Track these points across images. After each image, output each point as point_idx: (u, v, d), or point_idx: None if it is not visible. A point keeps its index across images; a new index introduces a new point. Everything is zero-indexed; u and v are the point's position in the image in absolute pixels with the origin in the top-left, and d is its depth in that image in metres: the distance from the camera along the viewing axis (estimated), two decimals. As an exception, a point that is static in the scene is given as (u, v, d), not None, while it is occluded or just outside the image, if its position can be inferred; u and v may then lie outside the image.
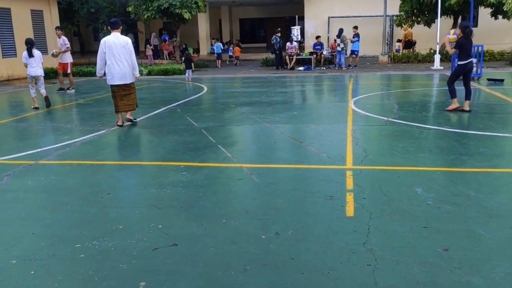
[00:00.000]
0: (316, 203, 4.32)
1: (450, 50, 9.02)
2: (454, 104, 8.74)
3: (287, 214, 4.08)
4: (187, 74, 17.20)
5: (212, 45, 28.55)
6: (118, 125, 8.26)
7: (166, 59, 25.88)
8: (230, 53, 24.70)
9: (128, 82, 8.22)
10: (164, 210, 4.28)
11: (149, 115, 9.44)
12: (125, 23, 22.02)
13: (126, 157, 6.38)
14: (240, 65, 23.47)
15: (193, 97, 12.16)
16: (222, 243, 3.56)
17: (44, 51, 18.43)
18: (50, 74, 17.73)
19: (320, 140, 6.79)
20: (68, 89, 14.00)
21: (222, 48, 24.29)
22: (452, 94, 8.78)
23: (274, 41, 19.74)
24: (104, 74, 8.23)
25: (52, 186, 5.10)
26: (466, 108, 8.63)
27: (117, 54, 7.96)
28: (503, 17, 18.62)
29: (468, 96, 8.72)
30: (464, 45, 8.48)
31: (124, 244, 3.58)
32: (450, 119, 8.08)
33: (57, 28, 14.37)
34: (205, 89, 13.88)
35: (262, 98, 11.30)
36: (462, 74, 8.77)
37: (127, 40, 8.09)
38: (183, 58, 20.48)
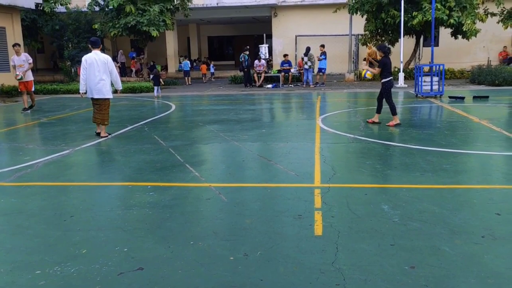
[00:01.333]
0: (284, 223, 4.31)
1: (375, 70, 9.67)
2: (395, 121, 9.39)
3: (255, 234, 4.05)
4: (155, 90, 17.15)
5: (180, 62, 28.51)
6: (96, 133, 8.99)
7: (133, 76, 25.64)
8: (212, 70, 24.69)
9: (105, 97, 8.80)
10: (130, 233, 4.18)
11: (115, 134, 9.27)
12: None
13: (91, 178, 6.22)
14: (208, 81, 23.48)
15: (160, 115, 12.05)
16: (190, 265, 3.49)
17: (6, 68, 17.96)
18: (12, 92, 17.27)
19: (289, 158, 6.82)
20: (30, 107, 13.59)
21: (190, 65, 24.27)
22: (393, 110, 9.45)
23: (243, 59, 19.88)
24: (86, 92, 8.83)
25: (12, 209, 4.91)
26: (376, 120, 9.57)
27: (97, 71, 8.57)
28: (463, 37, 19.35)
29: (379, 110, 9.72)
30: (387, 64, 9.36)
31: (87, 269, 3.46)
32: (414, 136, 8.27)
33: (15, 45, 13.44)
34: (173, 107, 13.79)
35: (230, 116, 11.31)
36: (384, 90, 9.53)
37: (107, 58, 8.72)
38: (151, 76, 20.35)
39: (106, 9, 20.88)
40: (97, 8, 21.55)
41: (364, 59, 24.66)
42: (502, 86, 16.72)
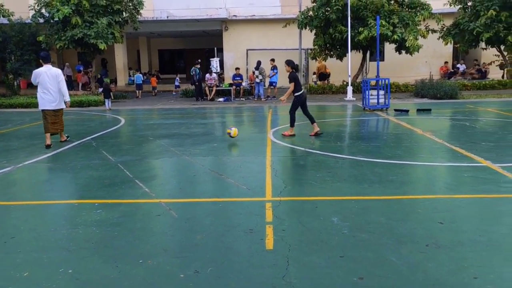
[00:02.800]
0: (236, 237, 4.29)
1: (289, 90, 9.83)
2: (291, 132, 9.89)
3: (206, 250, 4.00)
4: (106, 103, 16.87)
5: (130, 76, 28.03)
6: (46, 145, 9.13)
7: (80, 90, 24.94)
8: (177, 83, 24.18)
9: (58, 108, 9.40)
10: (76, 253, 4.02)
11: (61, 150, 8.96)
12: (35, 53, 20.98)
13: (34, 196, 5.96)
14: (158, 95, 23.21)
15: (109, 129, 11.76)
16: (138, 285, 3.40)
17: None
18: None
19: (240, 172, 6.82)
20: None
21: (142, 79, 23.94)
22: (292, 122, 9.91)
23: (194, 72, 19.82)
24: None
25: None
26: (316, 129, 9.90)
27: (49, 84, 9.14)
28: (406, 52, 20.18)
29: (312, 120, 10.01)
30: (297, 78, 9.75)
31: (28, 293, 3.29)
32: (362, 149, 8.49)
33: None
34: (123, 121, 13.50)
35: (181, 130, 11.20)
36: (300, 104, 9.88)
37: (58, 72, 9.31)
38: (100, 89, 19.94)
39: (52, 21, 20.26)
40: (41, 20, 20.86)
41: (314, 73, 25.28)
42: (443, 99, 17.53)
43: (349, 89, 18.96)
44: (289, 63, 9.95)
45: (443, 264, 3.61)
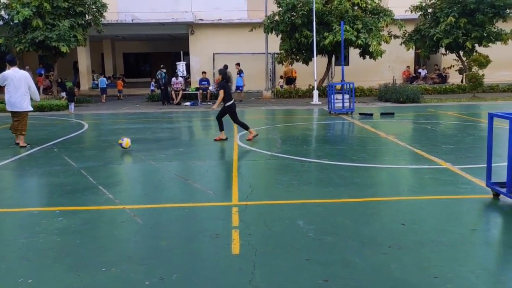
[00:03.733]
0: (202, 243, 4.26)
1: (220, 98, 9.75)
2: (222, 136, 9.91)
3: (172, 256, 3.96)
4: (70, 107, 16.57)
5: (94, 79, 27.49)
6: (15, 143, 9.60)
7: (42, 94, 24.26)
8: (152, 87, 23.45)
9: (22, 110, 9.48)
10: (36, 262, 3.89)
11: (20, 156, 8.68)
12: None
13: (-8, 204, 5.74)
14: (124, 99, 22.87)
15: (72, 134, 11.48)
16: (101, 294, 3.32)
17: None
18: None
19: (206, 176, 6.78)
20: None
21: (107, 82, 23.53)
22: (220, 127, 9.93)
23: (159, 76, 19.63)
24: None
25: None
26: (253, 133, 9.87)
27: (18, 87, 9.31)
28: (370, 57, 20.61)
29: (244, 126, 10.01)
30: (226, 87, 9.75)
31: (-15, 306, 3.17)
32: (328, 152, 8.60)
33: None
34: (86, 126, 13.22)
35: (147, 135, 11.06)
36: (229, 113, 9.86)
37: (26, 74, 9.55)
38: (63, 93, 19.52)
39: (11, 23, 19.67)
40: (0, 22, 20.22)
41: (281, 77, 25.45)
42: (406, 103, 17.96)
43: (315, 93, 19.19)
44: (220, 72, 10.05)
45: (405, 265, 3.69)
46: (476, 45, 21.40)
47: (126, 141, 9.00)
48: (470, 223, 4.65)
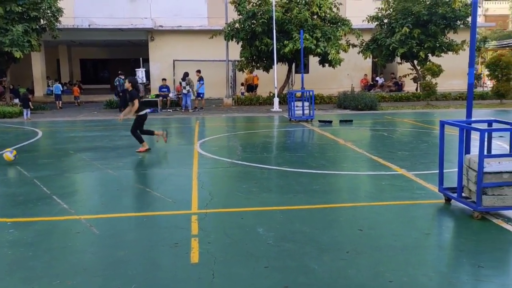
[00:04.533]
0: (160, 252, 4.20)
1: (132, 109, 9.31)
2: (144, 147, 9.39)
3: (130, 267, 3.88)
4: (25, 113, 16.09)
5: (49, 86, 26.67)
6: None
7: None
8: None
9: None
10: (-16, 277, 3.73)
11: (-30, 165, 8.31)
12: None
13: None
14: (81, 106, 22.32)
15: (25, 142, 11.08)
16: (54, 308, 3.21)
17: None
18: None
19: (165, 185, 6.70)
20: None
21: (62, 89, 22.88)
22: (140, 139, 9.44)
23: (118, 82, 19.29)
24: None
25: None
26: (146, 147, 9.39)
27: None
28: (329, 65, 20.97)
29: (148, 132, 9.78)
30: (138, 97, 9.34)
31: None
32: (288, 159, 8.68)
33: None
34: (40, 133, 12.79)
35: (104, 143, 10.82)
36: (136, 121, 9.47)
37: None
38: (16, 99, 18.89)
39: (-39, 27, 18.83)
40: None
41: (242, 84, 25.46)
42: (364, 110, 18.39)
43: (276, 100, 19.34)
44: (130, 80, 9.60)
45: (362, 270, 3.76)
46: (430, 54, 22.17)
47: (6, 155, 8.22)
48: (423, 228, 4.79)
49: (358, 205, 5.64)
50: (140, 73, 20.77)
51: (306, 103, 15.08)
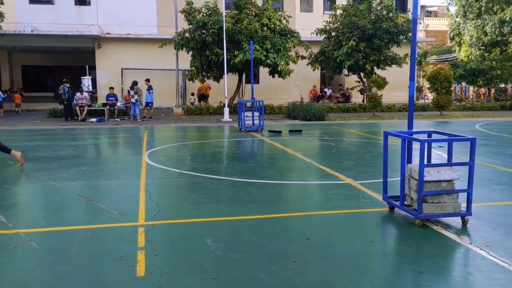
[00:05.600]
0: (105, 266, 4.07)
1: None
2: (18, 157, 8.52)
3: (72, 283, 3.73)
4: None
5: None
6: None
7: None
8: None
9: None
10: None
11: None
12: None
13: None
14: (23, 114, 21.39)
15: (-40, 153, 10.46)
16: (-12, 329, 3.03)
17: None
18: None
19: (112, 196, 6.52)
20: None
21: (2, 96, 21.85)
22: (6, 150, 8.56)
23: (62, 91, 18.65)
24: None
25: None
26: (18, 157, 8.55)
27: None
28: (279, 76, 21.28)
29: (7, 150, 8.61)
30: None
31: None
32: (237, 169, 8.68)
33: None
34: (-22, 143, 12.12)
35: (47, 153, 10.40)
36: None
37: None
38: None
39: None
40: None
41: (192, 94, 25.27)
42: (313, 121, 18.75)
43: (226, 110, 19.36)
44: None
45: (309, 279, 3.80)
46: (375, 67, 23.00)
47: None
48: (368, 235, 4.92)
49: (306, 214, 5.71)
50: (86, 81, 20.25)
51: (256, 113, 15.19)
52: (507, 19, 30.94)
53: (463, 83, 31.03)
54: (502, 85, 28.96)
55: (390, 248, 4.74)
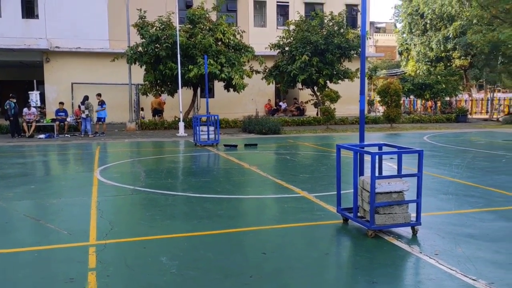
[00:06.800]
0: (53, 290, 3.90)
1: None
2: None
3: (17, 309, 3.54)
4: None
5: None
6: None
7: None
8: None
9: None
10: None
11: None
12: None
13: None
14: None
15: None
16: None
17: None
18: None
19: (61, 215, 6.28)
20: None
21: None
22: None
23: (8, 106, 17.91)
24: None
25: None
26: None
27: None
28: (234, 90, 21.36)
29: None
30: None
31: None
32: (193, 184, 8.59)
33: None
34: None
35: (-8, 171, 9.92)
36: None
37: None
38: None
39: None
40: None
41: (142, 109, 24.80)
42: (268, 134, 18.89)
43: (181, 125, 19.20)
44: None
45: (266, 294, 3.79)
46: (328, 81, 23.55)
47: None
48: (323, 248, 4.98)
49: (262, 228, 5.72)
50: (34, 96, 19.58)
51: (212, 128, 15.14)
52: (450, 36, 32.53)
53: (412, 97, 32.24)
54: (447, 99, 30.29)
55: (345, 260, 4.81)
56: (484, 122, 26.82)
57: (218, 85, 22.92)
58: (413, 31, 37.67)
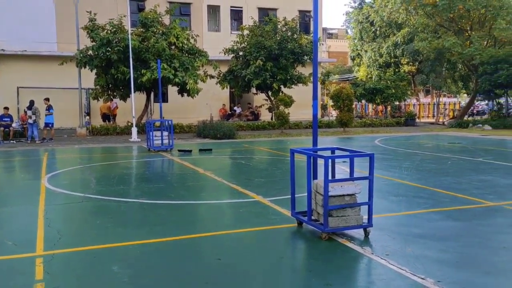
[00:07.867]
0: (-4, 305, 3.69)
1: None
2: None
3: (-45, 327, 3.33)
4: None
5: None
6: None
7: None
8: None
9: None
10: None
11: None
12: None
13: None
14: None
15: None
16: None
17: None
18: None
19: (5, 225, 5.99)
20: None
21: None
22: None
23: (-51, 111, 16.95)
24: None
25: None
26: None
27: None
28: (188, 95, 21.17)
29: None
30: None
31: None
32: (146, 191, 8.42)
33: None
34: None
35: None
36: None
37: None
38: None
39: None
40: None
41: (88, 114, 24.00)
42: (223, 139, 18.83)
43: (134, 130, 18.82)
44: None
45: (220, 300, 3.75)
46: (282, 86, 23.78)
47: None
48: (278, 252, 4.99)
49: (217, 234, 5.66)
50: (-23, 101, 18.57)
51: (165, 133, 14.93)
52: (399, 42, 33.66)
53: (363, 101, 33.10)
54: (397, 103, 31.30)
55: (300, 263, 4.84)
56: (431, 126, 27.89)
57: (172, 90, 22.66)
58: (363, 37, 38.73)
